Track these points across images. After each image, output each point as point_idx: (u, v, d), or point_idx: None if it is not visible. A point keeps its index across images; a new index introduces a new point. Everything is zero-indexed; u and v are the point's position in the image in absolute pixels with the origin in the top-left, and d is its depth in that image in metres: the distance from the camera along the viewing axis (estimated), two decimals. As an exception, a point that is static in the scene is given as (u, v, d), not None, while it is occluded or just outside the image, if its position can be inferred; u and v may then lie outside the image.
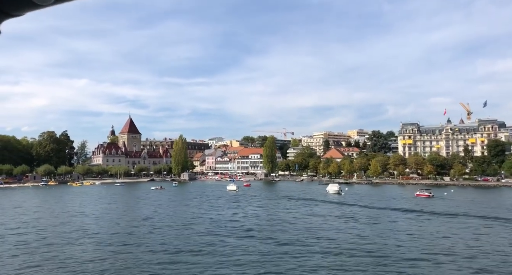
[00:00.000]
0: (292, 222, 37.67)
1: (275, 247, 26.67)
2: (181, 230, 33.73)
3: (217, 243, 28.05)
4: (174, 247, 26.64)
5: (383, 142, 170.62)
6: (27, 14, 1.46)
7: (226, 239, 29.43)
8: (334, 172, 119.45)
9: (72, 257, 24.41)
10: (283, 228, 34.44)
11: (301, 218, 40.48)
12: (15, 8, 1.38)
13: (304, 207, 51.10)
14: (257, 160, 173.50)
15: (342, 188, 72.20)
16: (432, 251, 25.40)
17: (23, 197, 77.01)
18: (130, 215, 44.97)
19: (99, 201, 64.76)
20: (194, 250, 25.75)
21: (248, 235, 31.23)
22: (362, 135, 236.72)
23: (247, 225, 36.43)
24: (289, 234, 31.28)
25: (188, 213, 45.77)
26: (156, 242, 28.65)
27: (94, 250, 26.31)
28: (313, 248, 26.09)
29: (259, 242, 28.32)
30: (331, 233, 31.77)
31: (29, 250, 26.57)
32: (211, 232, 32.42)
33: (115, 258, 24.24)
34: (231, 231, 32.99)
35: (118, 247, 27.09)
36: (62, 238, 30.83)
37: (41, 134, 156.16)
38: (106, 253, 25.48)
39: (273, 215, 43.52)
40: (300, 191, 78.45)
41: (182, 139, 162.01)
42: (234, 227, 35.29)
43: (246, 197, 66.00)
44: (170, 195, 76.16)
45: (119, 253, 25.35)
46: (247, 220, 40.01)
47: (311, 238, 29.71)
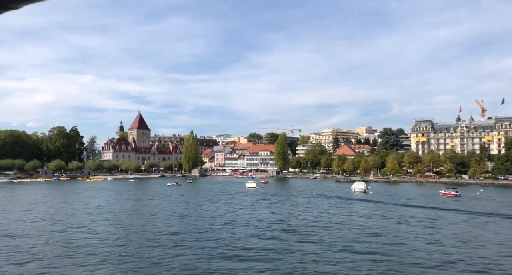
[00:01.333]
0: (355, 225, 34.68)
1: (369, 260, 22.59)
2: (234, 231, 31.83)
3: (294, 249, 25.15)
4: (255, 251, 24.76)
5: (395, 139, 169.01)
6: (26, 8, 1.45)
7: (295, 244, 26.27)
8: (349, 170, 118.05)
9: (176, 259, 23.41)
10: (354, 234, 30.10)
11: (358, 220, 37.69)
12: (13, 1, 1.39)
13: (343, 206, 48.88)
14: (266, 157, 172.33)
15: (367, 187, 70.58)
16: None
17: (40, 192, 76.13)
18: (171, 213, 42.97)
19: (124, 197, 63.59)
20: (265, 252, 24.23)
21: (319, 240, 27.66)
22: (371, 132, 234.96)
23: (301, 226, 33.87)
24: (371, 244, 26.79)
25: (223, 211, 44.12)
26: (226, 242, 27.15)
27: (194, 254, 24.79)
28: (418, 261, 22.37)
29: (343, 252, 24.47)
30: (411, 240, 28.06)
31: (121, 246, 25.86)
32: (272, 236, 29.78)
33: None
34: (290, 234, 30.10)
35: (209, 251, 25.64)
36: (136, 236, 29.85)
37: (51, 129, 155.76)
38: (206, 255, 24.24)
39: (322, 216, 40.28)
40: (322, 189, 76.96)
41: (193, 135, 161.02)
42: (286, 229, 32.58)
43: (270, 195, 64.47)
44: (189, 191, 75.12)
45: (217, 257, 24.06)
46: (296, 220, 37.53)
47: (397, 245, 25.68)
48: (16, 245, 26.70)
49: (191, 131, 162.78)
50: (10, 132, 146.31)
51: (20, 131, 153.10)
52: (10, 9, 1.43)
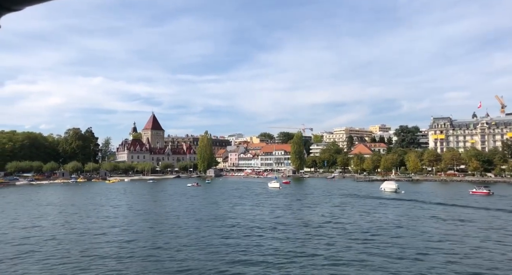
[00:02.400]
0: (417, 229, 31.47)
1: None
2: (295, 234, 29.76)
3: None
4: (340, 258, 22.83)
5: (411, 137, 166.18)
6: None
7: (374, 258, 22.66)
8: (368, 169, 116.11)
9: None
10: (426, 241, 26.91)
11: (413, 222, 34.90)
12: (15, 3, 1.38)
13: (385, 206, 46.89)
14: (281, 156, 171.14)
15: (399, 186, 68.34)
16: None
17: (65, 194, 76.01)
18: (211, 215, 41.28)
19: (151, 198, 62.83)
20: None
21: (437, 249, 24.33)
22: (385, 130, 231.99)
23: (379, 230, 31.13)
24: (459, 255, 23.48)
25: (266, 212, 42.31)
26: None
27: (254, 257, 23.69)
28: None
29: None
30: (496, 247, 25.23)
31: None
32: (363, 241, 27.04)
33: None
34: (383, 240, 26.81)
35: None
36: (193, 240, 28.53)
37: (66, 131, 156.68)
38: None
39: (373, 217, 37.72)
40: (349, 189, 75.16)
41: (208, 135, 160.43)
42: (367, 233, 29.65)
43: (299, 195, 62.76)
44: (213, 192, 74.18)
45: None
46: (363, 222, 34.97)
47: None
48: (98, 246, 26.08)
49: (205, 131, 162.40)
50: (27, 134, 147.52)
51: (37, 133, 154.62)
52: (12, 10, 1.43)
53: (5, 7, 1.38)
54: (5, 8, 1.39)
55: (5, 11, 1.41)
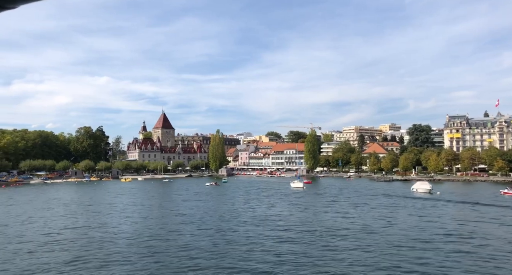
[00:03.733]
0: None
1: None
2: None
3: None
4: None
5: (425, 136, 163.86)
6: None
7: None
8: (386, 168, 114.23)
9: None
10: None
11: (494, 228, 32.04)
12: (10, 1, 1.38)
13: (435, 208, 44.31)
14: (292, 155, 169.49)
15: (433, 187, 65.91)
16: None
17: (85, 193, 74.87)
18: (254, 216, 39.25)
19: (177, 198, 61.23)
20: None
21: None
22: (395, 129, 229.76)
23: (444, 235, 28.81)
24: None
25: (305, 214, 40.50)
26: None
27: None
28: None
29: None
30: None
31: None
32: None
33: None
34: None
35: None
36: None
37: (78, 130, 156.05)
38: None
39: (440, 222, 34.73)
40: (375, 189, 73.27)
41: (219, 134, 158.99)
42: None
43: (330, 196, 60.33)
44: (237, 192, 72.68)
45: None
46: (433, 227, 32.09)
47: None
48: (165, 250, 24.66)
49: (217, 129, 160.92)
50: (39, 132, 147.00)
51: (48, 131, 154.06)
52: (6, 8, 1.42)
53: (0, 6, 1.38)
54: (0, 7, 1.39)
55: (1, 9, 1.41)
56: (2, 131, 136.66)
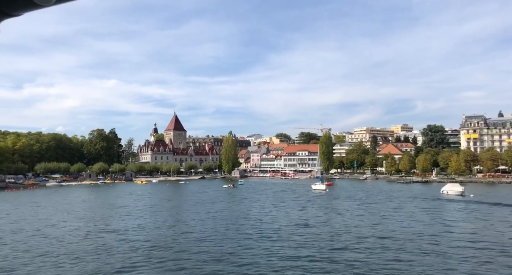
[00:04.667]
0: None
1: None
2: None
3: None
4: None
5: (440, 136, 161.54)
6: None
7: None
8: (405, 170, 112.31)
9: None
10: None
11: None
12: (15, 8, 1.39)
13: (477, 211, 42.66)
14: (305, 157, 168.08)
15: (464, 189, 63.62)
16: None
17: (107, 195, 74.24)
18: (293, 220, 37.72)
19: (206, 201, 59.96)
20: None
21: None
22: (408, 130, 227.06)
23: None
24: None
25: (351, 220, 38.12)
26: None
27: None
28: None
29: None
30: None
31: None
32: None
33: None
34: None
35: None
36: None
37: (91, 132, 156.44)
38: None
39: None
40: (402, 191, 71.44)
41: (232, 136, 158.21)
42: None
43: (357, 199, 58.38)
44: (258, 194, 71.61)
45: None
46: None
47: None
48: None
49: (229, 131, 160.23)
50: (53, 135, 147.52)
51: (61, 134, 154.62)
52: (11, 16, 1.43)
53: (4, 13, 1.39)
54: (4, 13, 1.40)
55: (5, 16, 1.42)
56: (17, 134, 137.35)
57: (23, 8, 1.40)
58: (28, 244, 28.73)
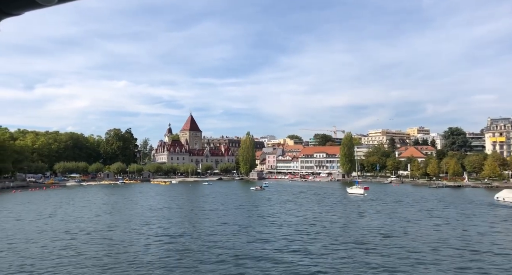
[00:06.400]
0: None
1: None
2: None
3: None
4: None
5: (462, 140, 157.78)
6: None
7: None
8: (433, 173, 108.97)
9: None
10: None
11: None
12: (16, 8, 1.39)
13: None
14: (322, 159, 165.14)
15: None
16: None
17: (136, 197, 72.12)
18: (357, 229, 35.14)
19: (250, 204, 57.94)
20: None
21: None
22: (425, 132, 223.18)
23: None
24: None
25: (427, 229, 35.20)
26: None
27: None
28: None
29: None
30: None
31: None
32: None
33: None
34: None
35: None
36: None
37: (107, 132, 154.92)
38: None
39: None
40: (446, 196, 68.22)
41: (250, 137, 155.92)
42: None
43: (408, 204, 55.22)
44: (295, 197, 69.15)
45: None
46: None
47: None
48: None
49: (247, 132, 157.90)
50: (70, 134, 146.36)
51: (78, 133, 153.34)
52: (11, 15, 1.43)
53: (4, 12, 1.39)
54: (4, 12, 1.40)
55: (5, 15, 1.42)
56: (36, 133, 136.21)
57: (24, 7, 1.39)
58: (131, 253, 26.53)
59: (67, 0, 1.36)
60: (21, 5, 1.37)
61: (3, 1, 1.33)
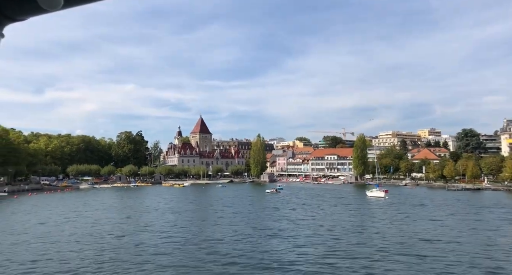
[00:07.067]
0: None
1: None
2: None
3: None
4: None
5: (477, 141, 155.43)
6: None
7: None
8: (450, 175, 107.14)
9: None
10: None
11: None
12: (20, 13, 1.37)
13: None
14: (334, 161, 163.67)
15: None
16: None
17: (156, 199, 71.57)
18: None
19: (267, 206, 57.43)
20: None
21: None
22: (436, 134, 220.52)
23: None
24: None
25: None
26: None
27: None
28: None
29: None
30: None
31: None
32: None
33: None
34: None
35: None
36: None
37: (118, 135, 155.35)
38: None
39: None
40: (474, 200, 66.36)
41: (260, 139, 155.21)
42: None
43: (436, 208, 53.64)
44: (312, 200, 68.15)
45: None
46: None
47: None
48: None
49: (258, 134, 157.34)
50: (82, 137, 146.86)
51: (90, 136, 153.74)
52: (16, 20, 1.41)
53: (8, 17, 1.38)
54: (8, 18, 1.38)
55: (9, 21, 1.40)
56: (49, 136, 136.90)
57: (29, 13, 1.38)
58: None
59: (71, 5, 1.34)
60: (25, 10, 1.35)
61: (8, 7, 1.32)
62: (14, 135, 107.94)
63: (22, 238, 31.95)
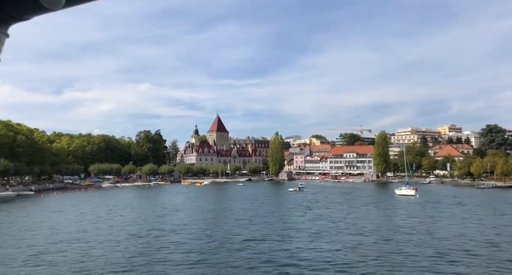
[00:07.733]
0: None
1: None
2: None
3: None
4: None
5: (502, 138, 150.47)
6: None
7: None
8: (478, 173, 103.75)
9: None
10: None
11: None
12: (24, 12, 1.39)
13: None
14: (353, 159, 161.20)
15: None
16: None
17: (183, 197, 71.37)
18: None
19: (297, 204, 56.52)
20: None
21: None
22: (457, 130, 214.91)
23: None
24: None
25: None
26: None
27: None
28: None
29: None
30: None
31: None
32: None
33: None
34: None
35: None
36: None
37: (138, 134, 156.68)
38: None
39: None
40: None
41: (278, 137, 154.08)
42: None
43: (477, 206, 51.32)
44: (340, 199, 66.71)
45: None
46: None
47: None
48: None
49: (276, 132, 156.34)
50: (102, 137, 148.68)
51: (110, 135, 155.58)
52: (20, 20, 1.43)
53: (12, 17, 1.39)
54: (12, 17, 1.39)
55: (13, 20, 1.42)
56: (70, 135, 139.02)
57: (31, 12, 1.38)
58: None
59: (73, 4, 1.36)
60: (28, 9, 1.36)
61: (11, 6, 1.34)
62: (38, 135, 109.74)
63: (62, 237, 31.75)
